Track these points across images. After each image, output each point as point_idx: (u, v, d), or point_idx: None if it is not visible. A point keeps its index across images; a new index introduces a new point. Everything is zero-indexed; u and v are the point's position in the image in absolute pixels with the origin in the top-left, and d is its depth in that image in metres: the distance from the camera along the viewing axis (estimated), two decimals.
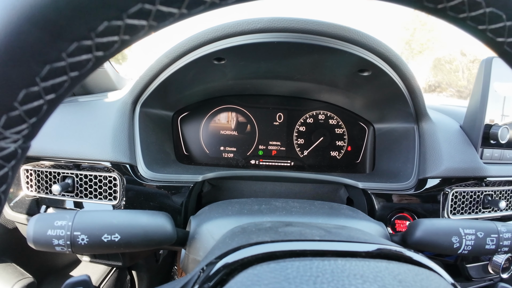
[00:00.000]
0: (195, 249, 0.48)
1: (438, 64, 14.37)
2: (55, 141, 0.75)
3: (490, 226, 0.54)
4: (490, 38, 0.24)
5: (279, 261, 0.29)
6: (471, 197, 0.86)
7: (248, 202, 0.59)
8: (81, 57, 0.19)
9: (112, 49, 0.20)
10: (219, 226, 0.49)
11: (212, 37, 0.66)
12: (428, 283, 0.28)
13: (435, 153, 0.81)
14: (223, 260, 0.31)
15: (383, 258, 0.32)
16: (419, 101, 0.80)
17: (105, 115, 0.77)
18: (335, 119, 1.05)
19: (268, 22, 0.64)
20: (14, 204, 0.81)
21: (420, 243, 0.53)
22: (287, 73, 0.86)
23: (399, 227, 0.80)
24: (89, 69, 0.20)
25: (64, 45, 0.18)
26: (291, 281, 0.25)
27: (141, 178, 0.73)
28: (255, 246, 0.32)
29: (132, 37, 0.20)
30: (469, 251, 0.53)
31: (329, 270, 0.27)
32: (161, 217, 0.49)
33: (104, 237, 0.44)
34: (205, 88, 0.90)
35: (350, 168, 1.04)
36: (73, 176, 0.76)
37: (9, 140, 0.20)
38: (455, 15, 0.23)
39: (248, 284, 0.26)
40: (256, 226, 0.43)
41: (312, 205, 0.59)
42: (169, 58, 0.70)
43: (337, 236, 0.38)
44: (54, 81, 0.19)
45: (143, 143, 0.77)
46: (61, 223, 0.44)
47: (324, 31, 0.65)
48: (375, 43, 0.68)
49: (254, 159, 1.02)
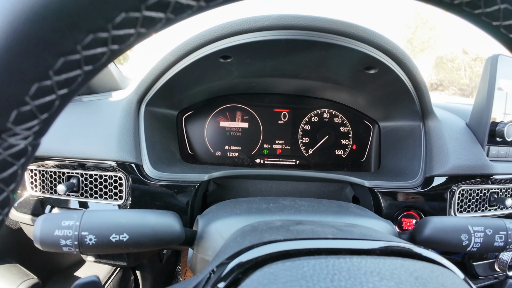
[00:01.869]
0: (203, 249, 0.48)
1: (440, 63, 14.32)
2: (59, 141, 0.75)
3: (499, 223, 0.53)
4: (504, 35, 0.25)
5: (295, 259, 0.28)
6: (477, 195, 0.86)
7: (256, 201, 0.58)
8: (96, 50, 0.18)
9: (128, 42, 0.19)
10: (228, 225, 0.48)
11: (218, 35, 0.66)
12: (444, 279, 0.28)
13: (441, 151, 0.80)
14: (236, 259, 0.30)
15: (397, 255, 0.31)
16: (425, 99, 0.80)
17: (110, 114, 0.76)
18: (340, 117, 1.04)
19: (275, 20, 0.64)
20: (19, 204, 0.81)
21: (429, 241, 0.53)
22: (293, 71, 0.86)
23: (406, 225, 0.79)
24: (103, 64, 0.20)
25: (80, 37, 0.17)
26: (308, 279, 0.25)
27: (146, 178, 0.73)
28: (269, 244, 0.32)
29: (149, 30, 0.19)
30: (478, 249, 0.52)
31: (345, 268, 0.27)
32: (169, 216, 0.48)
33: (112, 237, 0.44)
34: (210, 87, 0.90)
35: (356, 166, 1.04)
36: (78, 176, 0.76)
37: (19, 136, 0.19)
38: (471, 10, 0.23)
39: (265, 282, 0.25)
40: (267, 224, 0.43)
41: (320, 204, 0.58)
42: (174, 56, 0.70)
43: (349, 234, 0.38)
44: (68, 75, 0.19)
45: (148, 142, 0.76)
46: (68, 223, 0.43)
47: (331, 28, 0.64)
48: (381, 39, 0.68)
49: (259, 158, 1.01)
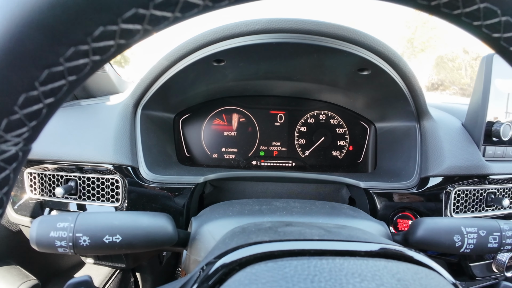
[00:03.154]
0: (196, 250, 0.49)
1: (440, 62, 14.28)
2: (58, 145, 0.76)
3: (493, 224, 0.53)
4: (486, 34, 0.24)
5: (277, 260, 0.29)
6: (474, 195, 0.86)
7: (249, 203, 0.59)
8: (78, 62, 0.19)
9: (109, 53, 0.20)
10: (220, 226, 0.49)
11: (211, 39, 0.67)
12: (427, 281, 0.28)
13: (437, 151, 0.81)
14: (221, 260, 0.31)
15: (382, 257, 0.31)
16: (420, 99, 0.80)
17: (107, 118, 0.77)
18: (336, 119, 1.04)
19: (266, 23, 0.64)
20: (18, 207, 0.82)
21: (422, 242, 0.53)
22: (287, 74, 0.86)
23: (402, 226, 0.79)
24: (87, 73, 0.21)
25: (62, 50, 0.18)
26: (289, 280, 0.26)
27: (143, 180, 0.74)
28: (254, 246, 0.32)
29: (128, 41, 0.20)
30: (471, 250, 0.52)
31: (327, 269, 0.28)
32: (162, 218, 0.49)
33: (105, 238, 0.45)
34: (206, 89, 0.91)
35: (352, 167, 1.04)
36: (76, 179, 0.77)
37: (10, 143, 0.20)
38: (449, 11, 0.23)
39: (246, 283, 0.26)
40: (256, 226, 0.43)
41: (313, 205, 0.59)
42: (169, 60, 0.71)
43: (336, 235, 0.38)
44: (53, 85, 0.20)
45: (144, 145, 0.77)
46: (63, 225, 0.44)
47: (322, 31, 0.65)
48: (374, 42, 0.68)
49: (256, 160, 1.02)
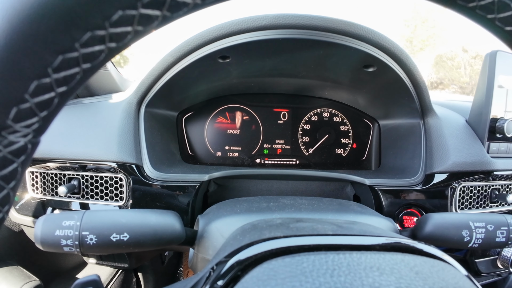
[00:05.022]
0: (204, 248, 0.48)
1: (440, 61, 14.33)
2: (60, 143, 0.75)
3: (500, 219, 0.53)
4: (499, 28, 0.24)
5: (294, 255, 0.28)
6: (478, 192, 0.86)
7: (256, 200, 0.58)
8: (94, 48, 0.19)
9: (125, 40, 0.19)
10: (228, 224, 0.48)
11: (217, 35, 0.66)
12: (444, 274, 0.28)
13: (441, 148, 0.80)
14: (235, 257, 0.30)
15: (398, 251, 0.31)
16: (424, 96, 0.79)
17: (110, 115, 0.77)
18: (340, 116, 1.04)
19: (273, 19, 0.64)
20: (20, 206, 0.81)
21: (430, 238, 0.52)
22: (292, 70, 0.86)
23: (407, 223, 0.79)
24: (101, 61, 0.20)
25: (78, 34, 0.18)
26: (308, 275, 0.25)
27: (147, 178, 0.73)
28: (269, 241, 0.32)
29: (146, 28, 0.19)
30: (480, 245, 0.52)
31: (345, 263, 0.27)
32: (170, 216, 0.49)
33: (113, 236, 0.44)
34: (210, 87, 0.90)
35: (356, 165, 1.04)
36: (79, 178, 0.76)
37: (19, 134, 0.19)
38: (465, 4, 0.23)
39: (264, 278, 0.25)
40: (267, 222, 0.43)
41: (321, 202, 0.59)
42: (173, 57, 0.70)
43: (349, 230, 0.38)
44: (67, 72, 0.19)
45: (148, 143, 0.77)
46: (69, 223, 0.43)
47: (329, 26, 0.65)
48: (380, 38, 0.68)
49: (260, 158, 1.01)
